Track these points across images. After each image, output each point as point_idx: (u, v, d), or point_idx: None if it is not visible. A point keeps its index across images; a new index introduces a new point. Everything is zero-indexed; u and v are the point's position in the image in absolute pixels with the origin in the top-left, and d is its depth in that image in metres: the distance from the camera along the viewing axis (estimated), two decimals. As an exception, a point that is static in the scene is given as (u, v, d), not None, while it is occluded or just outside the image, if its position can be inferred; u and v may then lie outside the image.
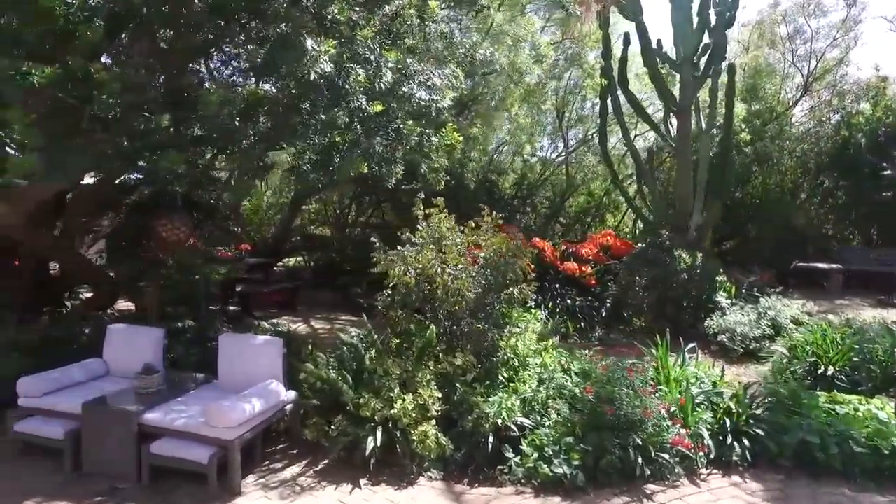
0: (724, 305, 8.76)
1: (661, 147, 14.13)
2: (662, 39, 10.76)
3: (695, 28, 10.49)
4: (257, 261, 10.66)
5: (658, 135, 11.69)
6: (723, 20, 10.52)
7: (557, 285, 8.93)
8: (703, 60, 10.61)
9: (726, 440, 4.42)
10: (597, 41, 12.99)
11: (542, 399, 4.84)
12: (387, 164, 5.04)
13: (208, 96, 3.48)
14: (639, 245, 9.33)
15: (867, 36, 30.66)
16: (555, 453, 4.19)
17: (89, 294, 8.01)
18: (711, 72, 10.58)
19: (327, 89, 3.97)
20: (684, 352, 5.69)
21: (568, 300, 8.81)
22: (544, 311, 7.23)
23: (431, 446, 4.30)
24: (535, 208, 15.21)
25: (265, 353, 4.86)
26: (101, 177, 6.38)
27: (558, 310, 8.40)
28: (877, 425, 4.40)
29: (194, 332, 6.33)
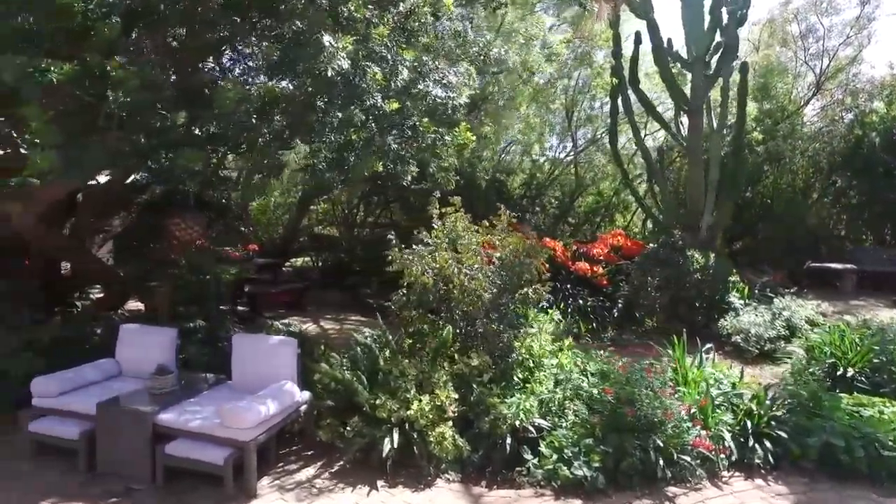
0: (737, 306, 8.68)
1: (671, 147, 14.05)
2: (673, 39, 10.70)
3: (707, 27, 10.41)
4: (266, 261, 10.64)
5: (669, 134, 11.59)
6: (735, 19, 10.43)
7: (569, 285, 8.87)
8: (715, 59, 10.54)
9: (748, 442, 4.35)
10: (607, 40, 12.92)
11: (559, 400, 4.79)
12: (402, 163, 5.00)
13: (225, 93, 3.44)
14: (651, 245, 9.24)
15: (881, 33, 30.04)
16: (574, 455, 4.13)
17: (100, 294, 8.00)
18: (723, 71, 10.50)
19: (344, 86, 3.93)
20: (701, 352, 5.63)
21: (580, 300, 8.76)
22: (557, 312, 7.15)
23: (449, 448, 4.24)
24: (544, 208, 15.13)
25: (279, 354, 4.81)
26: (112, 176, 6.37)
27: (570, 310, 8.34)
28: (905, 428, 4.33)
29: (205, 332, 6.30)
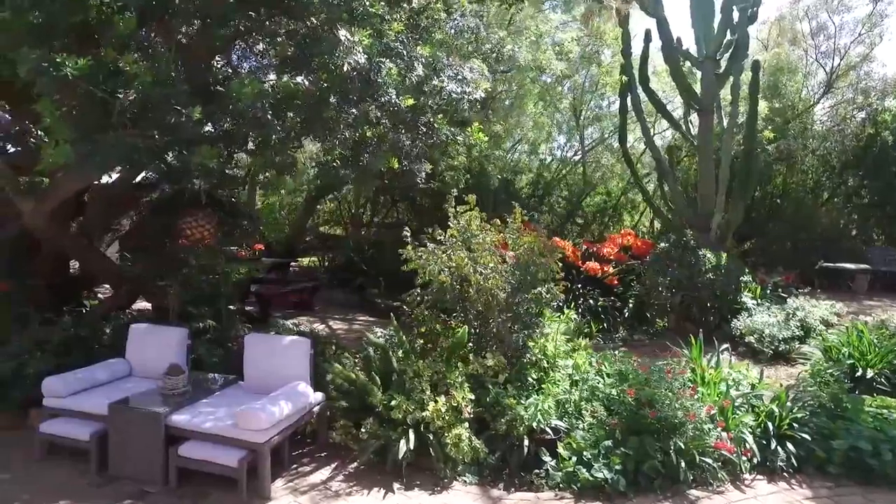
0: (750, 306, 8.60)
1: (679, 146, 13.96)
2: (681, 37, 10.59)
3: (717, 24, 10.32)
4: (274, 261, 10.60)
5: (680, 133, 11.50)
6: (745, 16, 10.32)
7: (579, 285, 8.80)
8: (726, 58, 10.44)
9: (770, 444, 4.27)
10: (615, 38, 12.83)
11: (575, 401, 4.72)
12: (416, 161, 4.93)
13: (242, 87, 3.37)
14: (662, 245, 9.15)
15: (894, 31, 29.86)
16: (594, 457, 4.06)
17: (108, 294, 7.95)
18: (734, 69, 10.40)
19: (359, 82, 3.86)
20: (718, 353, 5.55)
21: (590, 300, 8.69)
22: (573, 312, 7.05)
23: (465, 450, 4.17)
24: (552, 208, 15.03)
25: (292, 354, 4.75)
26: (122, 174, 6.31)
27: (581, 310, 8.28)
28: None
29: (215, 332, 6.24)
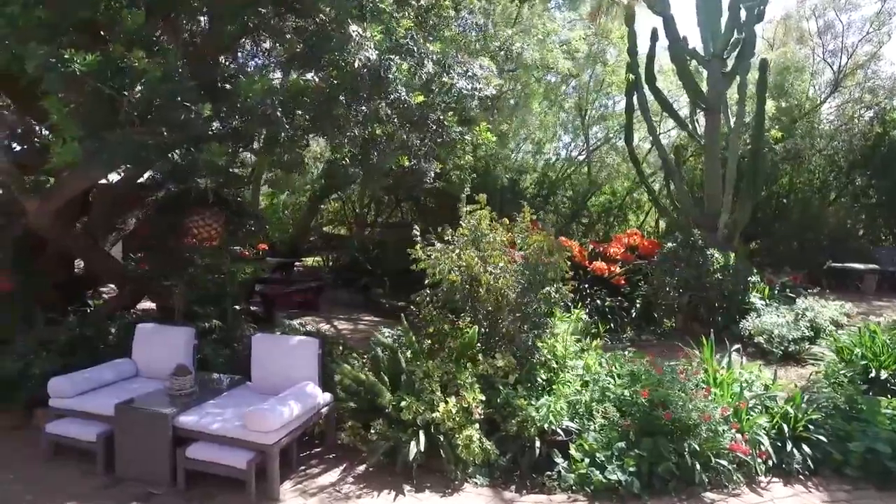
0: (758, 306, 8.53)
1: (685, 145, 13.88)
2: (687, 36, 10.53)
3: (724, 23, 10.26)
4: (279, 261, 10.56)
5: (686, 132, 11.43)
6: (752, 15, 10.26)
7: (586, 285, 8.73)
8: (733, 57, 10.38)
9: (785, 446, 4.21)
10: (621, 37, 12.76)
11: (586, 402, 4.67)
12: (426, 159, 4.87)
13: (252, 84, 3.32)
14: (669, 244, 9.08)
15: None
16: (607, 459, 4.01)
17: (112, 293, 7.90)
18: (741, 68, 10.33)
19: (370, 78, 3.81)
20: (730, 354, 5.48)
21: (598, 300, 8.63)
22: (584, 312, 6.99)
23: (476, 451, 4.12)
24: (557, 207, 14.97)
25: (300, 354, 4.70)
26: (126, 174, 6.27)
27: (588, 310, 8.21)
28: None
29: (221, 332, 6.19)
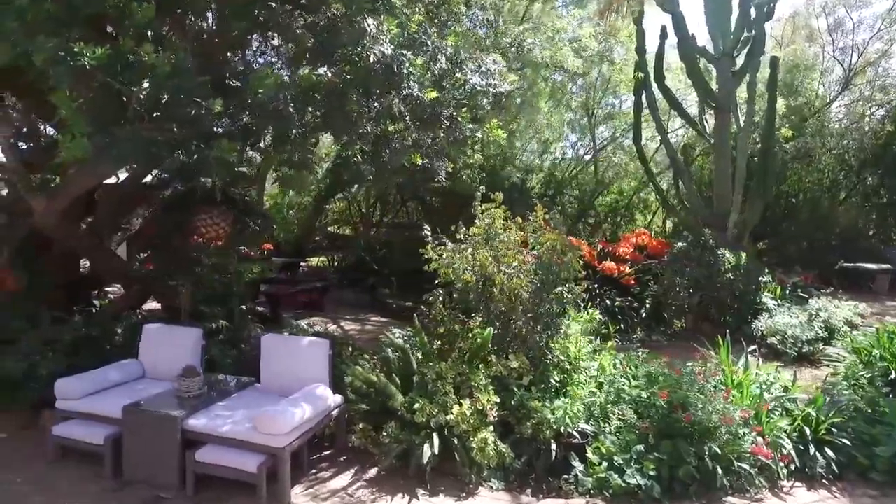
0: (770, 307, 8.43)
1: (693, 144, 13.76)
2: (695, 34, 10.43)
3: (735, 21, 10.16)
4: (285, 260, 10.49)
5: (696, 131, 11.33)
6: (762, 12, 10.18)
7: (596, 285, 8.63)
8: (742, 55, 10.28)
9: (808, 450, 4.11)
10: (629, 35, 12.65)
11: (601, 404, 4.58)
12: (437, 157, 4.78)
13: (264, 79, 3.24)
14: (679, 244, 8.98)
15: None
16: (626, 462, 3.91)
17: (118, 293, 7.84)
18: (750, 66, 10.23)
19: (383, 73, 3.73)
20: (746, 354, 5.39)
21: (607, 300, 8.54)
22: (597, 312, 6.88)
23: (491, 454, 4.04)
24: (563, 207, 14.86)
25: (311, 356, 4.62)
26: (131, 173, 6.20)
27: (598, 310, 8.12)
28: None
29: (228, 332, 6.12)
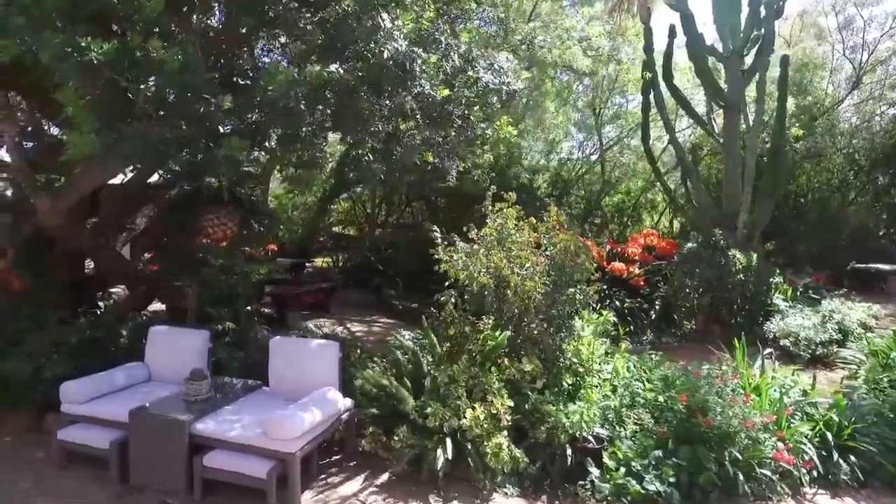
0: (782, 308, 8.32)
1: (700, 144, 13.65)
2: (703, 33, 10.31)
3: (745, 19, 10.04)
4: (292, 261, 10.41)
5: (705, 131, 11.22)
6: (772, 10, 10.06)
7: (605, 286, 8.54)
8: (751, 53, 10.16)
9: (831, 456, 4.01)
10: (636, 34, 12.55)
11: (616, 407, 4.48)
12: (449, 156, 4.69)
13: (275, 76, 3.16)
14: (689, 245, 8.87)
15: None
16: (644, 468, 3.81)
17: (122, 294, 7.75)
18: (760, 65, 10.12)
19: (396, 70, 3.64)
20: (763, 357, 5.29)
21: (616, 301, 8.44)
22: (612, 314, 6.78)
23: (505, 459, 3.94)
24: (570, 207, 14.76)
25: (320, 359, 4.54)
26: (136, 173, 6.12)
27: (611, 312, 8.03)
28: None
29: (234, 334, 6.04)
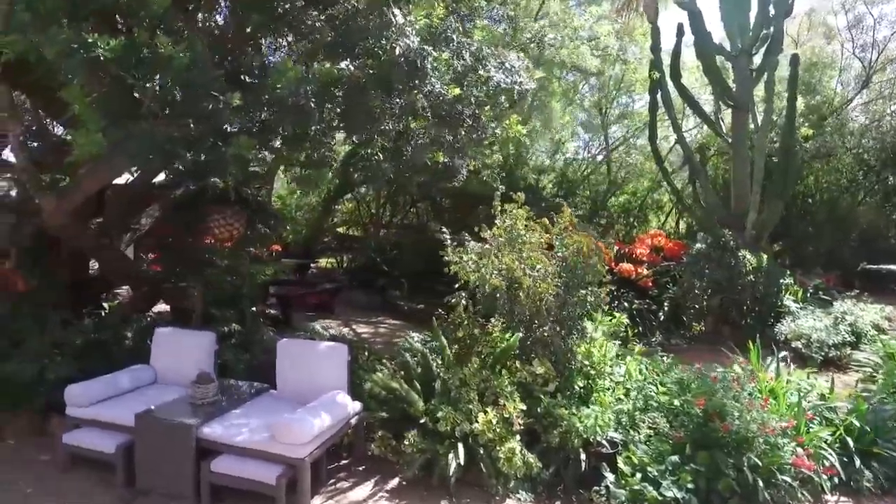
0: (793, 310, 8.23)
1: (707, 144, 13.55)
2: (711, 32, 10.21)
3: (753, 18, 9.95)
4: (297, 262, 10.35)
5: (713, 131, 11.12)
6: (781, 9, 9.96)
7: (613, 288, 8.44)
8: (760, 53, 10.07)
9: (853, 462, 3.91)
10: (643, 34, 12.45)
11: (629, 411, 4.40)
12: (459, 156, 4.62)
13: (284, 73, 3.09)
14: (698, 245, 8.78)
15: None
16: (660, 474, 3.73)
17: (127, 295, 7.69)
18: (769, 64, 10.02)
19: (408, 68, 3.56)
20: (777, 360, 5.20)
21: (625, 303, 8.35)
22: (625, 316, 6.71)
23: (518, 464, 3.86)
24: (576, 208, 14.66)
25: (329, 361, 4.46)
26: (141, 174, 6.06)
27: (623, 314, 7.94)
28: None
29: (240, 336, 5.97)
